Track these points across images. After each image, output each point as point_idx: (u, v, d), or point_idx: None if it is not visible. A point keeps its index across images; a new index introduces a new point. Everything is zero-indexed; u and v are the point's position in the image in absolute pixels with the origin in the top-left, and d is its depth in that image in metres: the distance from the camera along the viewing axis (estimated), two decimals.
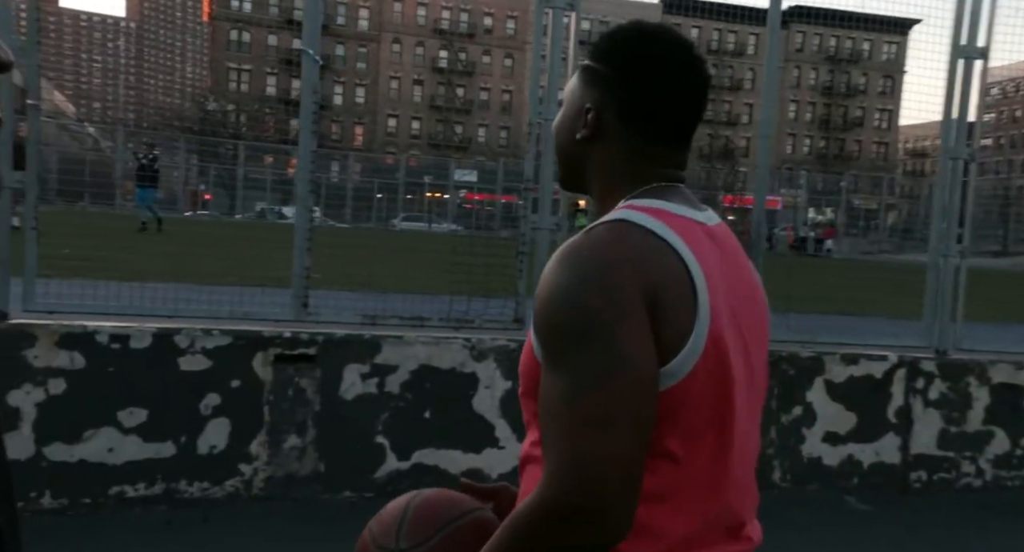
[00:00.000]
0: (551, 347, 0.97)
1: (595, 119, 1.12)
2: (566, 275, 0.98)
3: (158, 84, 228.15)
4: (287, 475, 3.92)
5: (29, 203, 3.88)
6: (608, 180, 1.13)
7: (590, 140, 1.13)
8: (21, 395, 3.59)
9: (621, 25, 1.16)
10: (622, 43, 1.12)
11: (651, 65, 1.10)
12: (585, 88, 1.13)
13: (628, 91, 1.10)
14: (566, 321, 0.96)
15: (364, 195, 21.11)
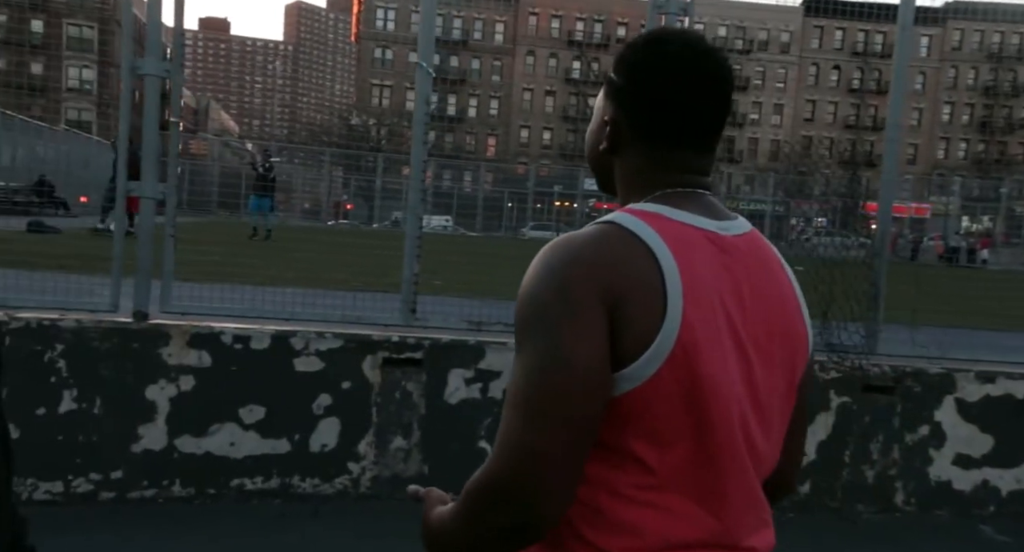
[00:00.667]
0: (516, 337, 1.02)
1: (613, 131, 1.13)
2: (532, 271, 1.02)
3: (310, 102, 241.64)
4: (393, 475, 4.03)
5: (169, 212, 4.20)
6: (629, 188, 1.14)
7: (611, 151, 1.15)
8: (156, 390, 3.89)
9: (640, 35, 1.18)
10: (630, 53, 1.13)
11: (653, 73, 1.09)
12: (604, 100, 1.16)
13: (634, 101, 1.10)
14: (523, 313, 1.01)
15: (495, 204, 21.48)
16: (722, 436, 1.01)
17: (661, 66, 1.09)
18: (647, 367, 0.97)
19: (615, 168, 1.16)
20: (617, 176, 1.16)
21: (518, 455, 0.95)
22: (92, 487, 3.80)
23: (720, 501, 1.02)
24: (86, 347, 3.79)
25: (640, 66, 1.10)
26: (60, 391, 3.75)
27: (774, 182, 18.77)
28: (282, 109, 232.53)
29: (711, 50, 1.10)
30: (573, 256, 1.00)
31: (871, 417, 4.30)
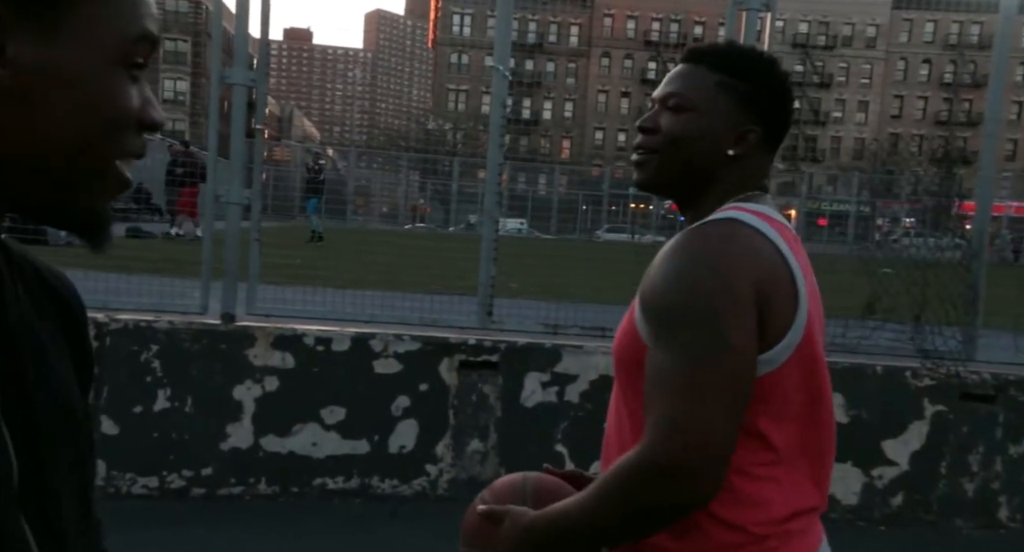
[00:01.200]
0: (663, 324, 1.09)
1: (751, 139, 1.21)
2: (684, 262, 1.10)
3: (388, 107, 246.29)
4: (470, 477, 4.06)
5: (254, 217, 4.33)
6: (730, 190, 1.21)
7: (739, 157, 1.21)
8: (243, 390, 4.01)
9: (741, 44, 1.28)
10: (760, 62, 1.23)
11: (786, 85, 1.23)
12: (736, 107, 1.20)
13: (773, 112, 1.22)
14: (682, 301, 1.08)
15: (569, 207, 21.44)
16: (826, 412, 1.17)
17: (785, 79, 1.23)
18: (783, 353, 1.10)
19: (723, 172, 1.21)
20: (723, 179, 1.21)
21: (685, 435, 1.03)
22: (184, 483, 3.94)
23: (821, 470, 1.18)
24: (178, 348, 3.94)
25: (776, 78, 1.22)
26: (155, 390, 3.92)
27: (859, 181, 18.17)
28: (361, 115, 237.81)
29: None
30: (726, 250, 1.10)
31: (970, 427, 4.11)
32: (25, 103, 0.57)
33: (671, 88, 1.23)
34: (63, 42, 0.57)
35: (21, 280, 0.68)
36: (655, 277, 1.12)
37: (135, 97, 0.61)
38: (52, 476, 0.64)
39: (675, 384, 1.05)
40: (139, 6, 0.62)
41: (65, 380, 0.69)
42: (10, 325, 0.63)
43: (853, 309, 4.49)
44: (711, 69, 1.21)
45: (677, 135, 1.20)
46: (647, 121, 1.24)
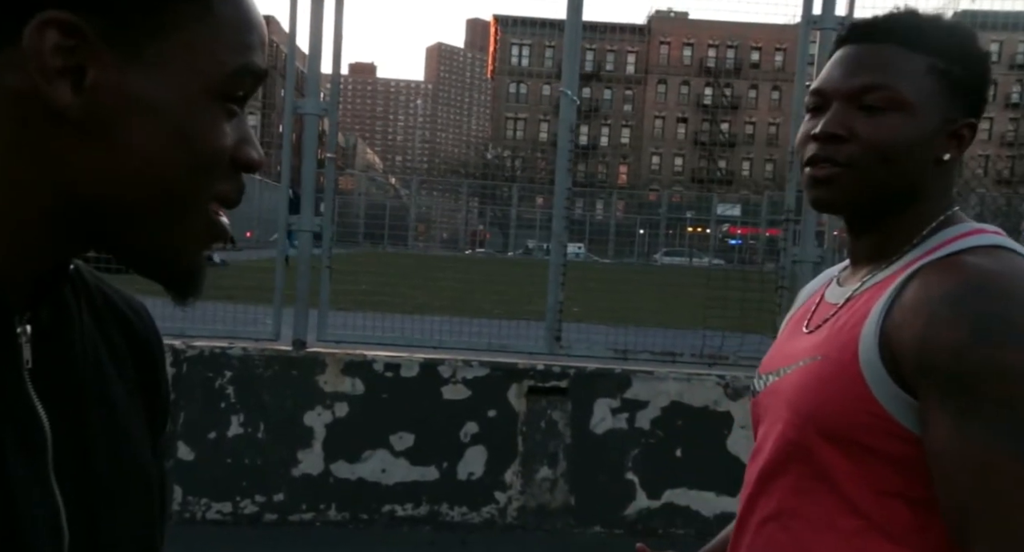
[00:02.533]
0: (992, 393, 0.82)
1: (971, 135, 0.96)
2: (1005, 309, 0.83)
3: (448, 137, 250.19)
4: (539, 505, 4.00)
5: (325, 244, 4.40)
6: (937, 204, 0.98)
7: (951, 161, 0.96)
8: (313, 416, 4.05)
9: (947, 19, 0.99)
10: (969, 38, 0.97)
11: (989, 65, 0.97)
12: (948, 98, 0.94)
13: (982, 102, 0.96)
14: (1019, 358, 0.81)
15: (627, 231, 21.38)
16: None
17: (988, 57, 0.97)
18: None
19: (931, 182, 0.96)
20: (929, 190, 0.97)
21: None
22: (257, 509, 3.98)
23: None
24: (251, 374, 4.00)
25: (988, 63, 0.97)
26: (229, 416, 3.98)
27: None
28: (422, 144, 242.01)
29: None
30: None
31: None
32: (104, 135, 0.51)
33: (869, 78, 0.94)
34: (152, 70, 0.52)
35: (93, 316, 0.63)
36: (957, 329, 0.83)
37: (230, 134, 0.55)
38: (107, 541, 0.58)
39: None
40: (245, 35, 0.55)
41: (135, 435, 0.63)
42: (78, 373, 0.58)
43: None
44: (913, 50, 0.93)
45: (887, 143, 0.93)
46: (834, 125, 0.94)
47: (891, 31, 0.95)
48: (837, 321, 0.96)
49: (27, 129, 0.51)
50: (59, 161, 0.51)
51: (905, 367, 0.86)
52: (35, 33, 0.48)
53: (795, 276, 4.11)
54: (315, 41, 4.11)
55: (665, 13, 70.86)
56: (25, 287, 0.55)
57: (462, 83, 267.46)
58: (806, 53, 4.27)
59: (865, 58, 0.95)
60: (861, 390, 0.88)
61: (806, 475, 0.94)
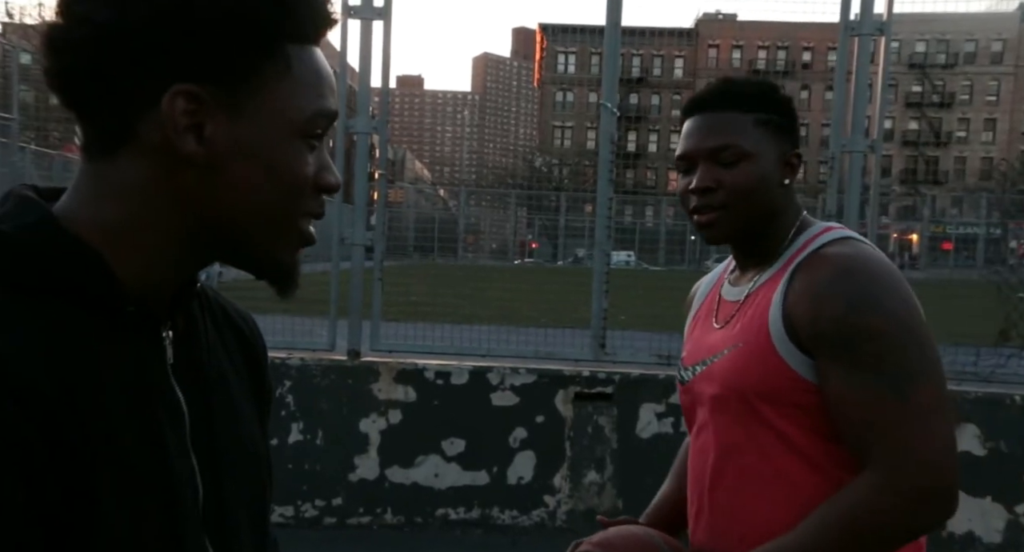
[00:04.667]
0: (866, 349, 1.10)
1: (798, 161, 1.29)
2: (866, 286, 1.13)
3: (495, 146, 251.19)
4: (587, 509, 4.08)
5: (377, 257, 4.56)
6: (791, 217, 1.29)
7: (791, 184, 1.29)
8: (369, 423, 4.20)
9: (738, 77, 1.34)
10: (775, 91, 1.30)
11: (795, 110, 1.33)
12: (775, 138, 1.26)
13: (797, 131, 1.30)
14: (886, 324, 1.11)
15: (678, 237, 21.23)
16: None
17: (790, 100, 1.31)
18: None
19: (782, 202, 1.27)
20: (783, 208, 1.28)
21: (940, 453, 1.08)
22: (317, 513, 4.15)
23: None
24: (309, 383, 4.18)
25: (790, 104, 1.30)
26: (289, 423, 4.16)
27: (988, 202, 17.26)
28: (470, 155, 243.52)
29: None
30: (891, 268, 1.18)
31: None
32: (218, 174, 0.66)
33: (720, 141, 1.24)
34: (249, 120, 0.66)
35: (213, 323, 0.78)
36: (835, 300, 1.12)
37: (312, 164, 0.69)
38: (231, 505, 0.72)
39: (903, 407, 1.08)
40: (318, 86, 0.69)
41: (248, 419, 0.78)
42: (204, 368, 0.74)
43: (986, 336, 4.28)
44: (744, 111, 1.24)
45: (745, 187, 1.23)
46: (704, 180, 1.24)
47: (722, 101, 1.26)
48: (744, 315, 1.24)
49: (165, 173, 0.67)
50: (189, 196, 0.67)
51: (803, 337, 1.15)
52: (169, 101, 0.65)
53: None
54: (365, 59, 4.28)
55: (713, 15, 70.20)
56: (165, 300, 0.71)
57: (508, 92, 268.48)
58: (844, 57, 4.30)
59: (711, 125, 1.26)
60: (777, 362, 1.17)
61: (746, 418, 1.21)
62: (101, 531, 0.62)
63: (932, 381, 1.10)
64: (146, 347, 0.69)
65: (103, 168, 0.68)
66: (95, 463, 0.62)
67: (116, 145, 0.67)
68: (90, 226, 0.67)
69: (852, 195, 4.16)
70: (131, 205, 0.67)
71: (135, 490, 0.64)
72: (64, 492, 0.60)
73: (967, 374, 4.05)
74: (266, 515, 0.80)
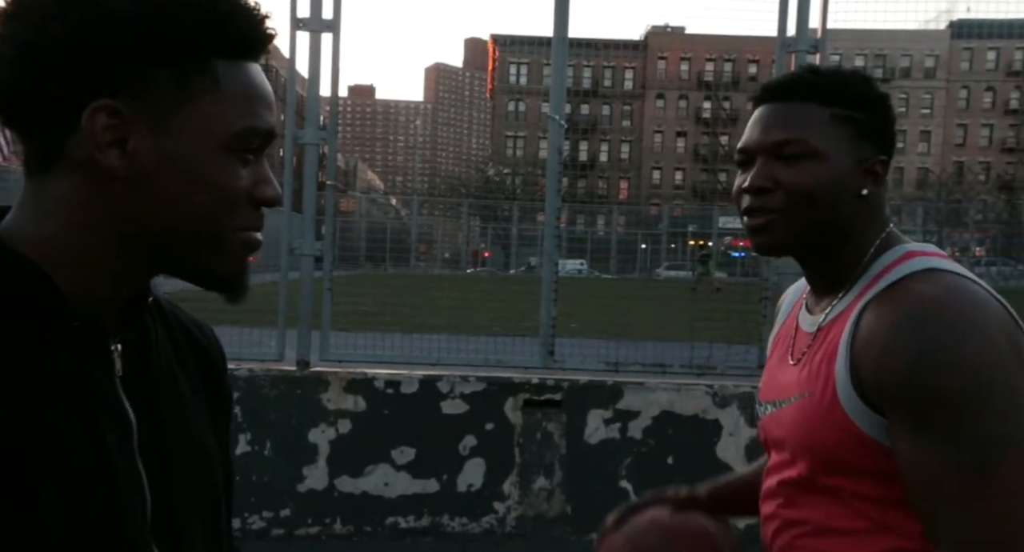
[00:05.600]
0: (937, 415, 0.93)
1: (884, 169, 1.10)
2: (943, 335, 0.94)
3: (448, 156, 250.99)
4: (537, 515, 4.13)
5: (326, 267, 4.55)
6: (869, 233, 1.09)
7: (871, 194, 1.08)
8: (318, 433, 4.19)
9: (829, 67, 1.16)
10: (866, 85, 1.10)
11: (890, 105, 1.12)
12: (856, 140, 1.07)
13: (890, 139, 1.10)
14: (963, 385, 0.92)
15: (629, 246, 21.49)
16: None
17: (887, 98, 1.11)
18: None
19: (858, 214, 1.08)
20: (858, 222, 1.08)
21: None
22: (264, 524, 4.12)
23: None
24: (257, 394, 4.15)
25: (882, 99, 1.10)
26: (237, 435, 4.12)
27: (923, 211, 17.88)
28: (423, 164, 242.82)
29: None
30: (981, 312, 0.96)
31: None
32: (145, 188, 0.68)
33: (783, 134, 1.06)
34: (175, 135, 0.68)
35: (168, 333, 0.80)
36: (901, 359, 0.94)
37: (246, 178, 0.70)
38: (181, 512, 0.74)
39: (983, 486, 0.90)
40: (250, 103, 0.71)
41: (201, 428, 0.80)
42: (154, 377, 0.75)
43: None
44: (820, 103, 1.06)
45: (807, 188, 1.04)
46: (760, 179, 1.06)
47: (795, 89, 1.08)
48: (814, 356, 1.07)
49: (94, 188, 0.68)
50: (121, 210, 0.69)
51: (869, 392, 0.98)
52: (90, 117, 0.66)
53: (779, 287, 4.26)
54: (314, 68, 4.28)
55: (661, 28, 71.43)
56: (115, 313, 0.73)
57: (461, 102, 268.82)
58: (781, 72, 4.45)
59: (778, 116, 1.08)
60: (844, 420, 1.00)
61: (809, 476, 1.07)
62: (41, 539, 0.63)
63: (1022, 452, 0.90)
64: (93, 360, 0.70)
65: (41, 184, 0.69)
66: (36, 473, 0.63)
67: (49, 161, 0.68)
68: (34, 242, 0.68)
69: None
70: (68, 220, 0.69)
71: (79, 499, 0.65)
72: (2, 501, 0.61)
73: None
74: (221, 523, 0.81)
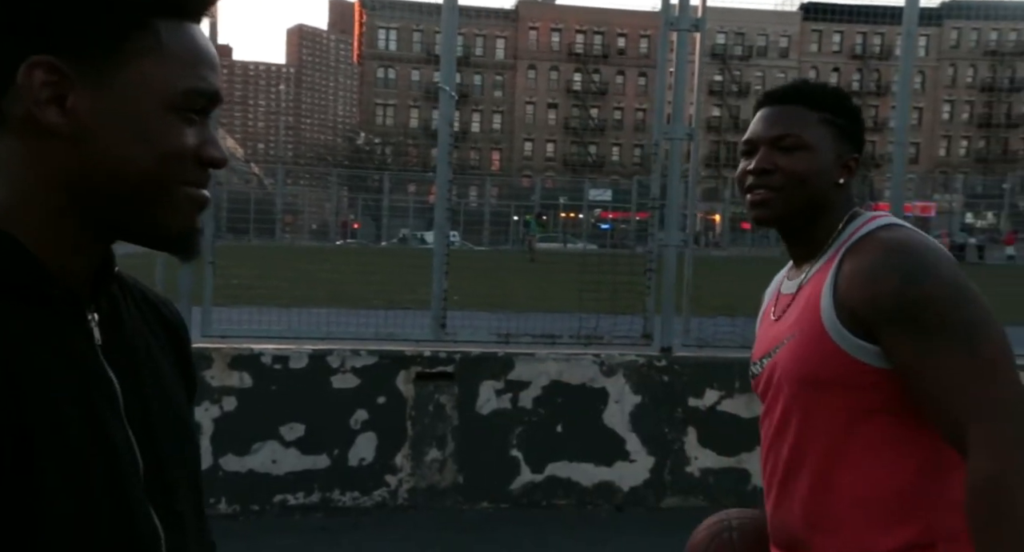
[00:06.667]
0: (927, 316, 1.16)
1: (856, 165, 1.36)
2: (917, 259, 1.19)
3: (314, 123, 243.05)
4: (429, 486, 4.17)
5: (207, 240, 4.35)
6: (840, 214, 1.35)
7: (845, 184, 1.35)
8: (201, 411, 4.03)
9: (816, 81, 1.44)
10: (846, 98, 1.38)
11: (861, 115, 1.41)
12: (837, 140, 1.34)
13: (861, 139, 1.38)
14: (941, 288, 1.17)
15: (501, 218, 21.71)
16: None
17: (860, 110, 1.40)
18: None
19: (835, 199, 1.34)
20: (834, 205, 1.34)
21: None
22: None
23: None
24: None
25: (857, 110, 1.38)
26: None
27: None
28: (286, 131, 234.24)
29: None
30: (935, 245, 1.24)
31: None
32: (87, 144, 0.68)
33: (782, 129, 1.33)
34: (116, 92, 0.68)
35: (136, 306, 0.80)
36: (889, 276, 1.19)
37: (191, 137, 0.71)
38: (172, 474, 0.76)
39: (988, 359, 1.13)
40: (194, 64, 0.71)
41: (177, 394, 0.81)
42: (132, 347, 0.76)
43: None
44: (811, 108, 1.33)
45: (800, 173, 1.31)
46: (764, 162, 1.32)
47: (793, 95, 1.36)
48: (797, 306, 1.32)
49: (35, 147, 0.68)
50: (61, 166, 0.68)
51: (863, 319, 1.20)
52: (26, 73, 0.66)
53: (662, 259, 4.45)
54: None
55: None
56: (86, 285, 0.73)
57: (326, 67, 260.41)
58: (665, 48, 4.58)
59: (779, 115, 1.35)
60: (832, 347, 1.23)
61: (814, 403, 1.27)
62: (48, 510, 0.64)
63: (994, 332, 1.14)
64: (73, 330, 0.70)
65: None
66: (38, 446, 0.64)
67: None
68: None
69: (673, 179, 4.47)
70: (16, 183, 0.68)
71: (79, 467, 0.66)
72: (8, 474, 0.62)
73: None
74: (201, 488, 0.83)
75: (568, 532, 4.02)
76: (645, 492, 4.29)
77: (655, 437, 4.30)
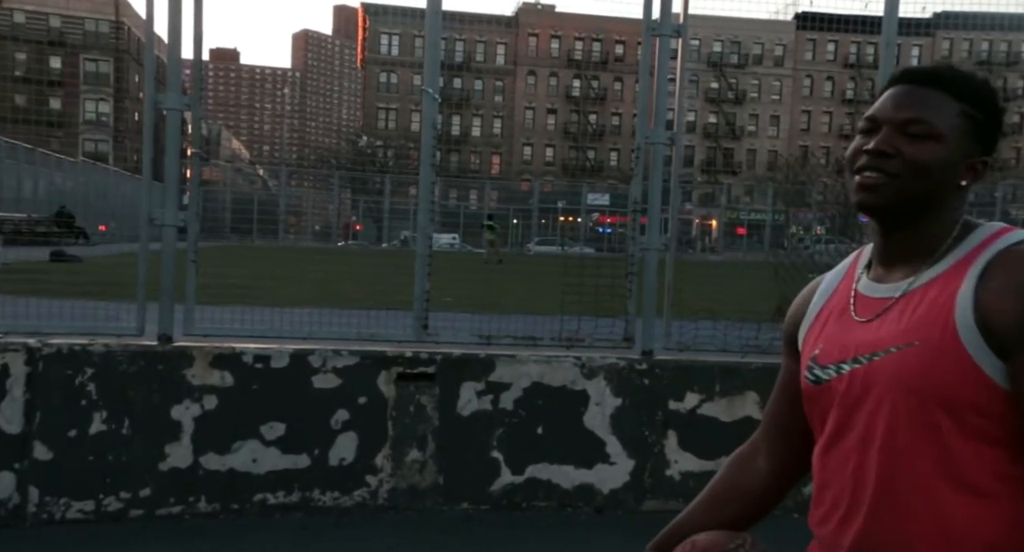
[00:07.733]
0: None
1: (983, 170, 1.21)
2: None
3: (318, 126, 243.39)
4: (409, 487, 4.17)
5: (190, 239, 4.36)
6: (954, 217, 1.21)
7: (966, 186, 1.21)
8: (181, 410, 4.04)
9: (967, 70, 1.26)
10: (993, 93, 1.21)
11: (1002, 115, 1.22)
12: (971, 138, 1.19)
13: (995, 141, 1.22)
14: None
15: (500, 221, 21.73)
16: None
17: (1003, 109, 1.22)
18: None
19: (951, 200, 1.20)
20: (948, 207, 1.20)
21: None
22: (122, 505, 3.95)
23: None
24: (114, 370, 3.96)
25: (1002, 114, 1.22)
26: (91, 413, 3.92)
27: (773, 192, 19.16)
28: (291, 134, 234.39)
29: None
30: None
31: None
32: None
33: (914, 113, 1.18)
34: None
35: None
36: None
37: None
38: None
39: None
40: None
41: None
42: None
43: (767, 313, 4.78)
44: (955, 98, 1.18)
45: (923, 163, 1.16)
46: (885, 144, 1.18)
47: (936, 80, 1.20)
48: (914, 311, 1.15)
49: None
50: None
51: (1003, 338, 1.08)
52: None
53: (644, 263, 4.46)
54: (174, 28, 4.07)
55: (532, 5, 71.80)
56: None
57: (331, 71, 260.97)
58: (647, 54, 4.60)
59: (913, 97, 1.19)
60: (968, 364, 1.10)
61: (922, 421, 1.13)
62: None
63: None
64: None
65: None
66: None
67: None
68: None
69: (655, 183, 4.49)
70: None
71: None
72: None
73: (750, 347, 4.51)
74: None
75: (548, 534, 4.02)
76: (625, 495, 4.29)
77: (635, 440, 4.31)
